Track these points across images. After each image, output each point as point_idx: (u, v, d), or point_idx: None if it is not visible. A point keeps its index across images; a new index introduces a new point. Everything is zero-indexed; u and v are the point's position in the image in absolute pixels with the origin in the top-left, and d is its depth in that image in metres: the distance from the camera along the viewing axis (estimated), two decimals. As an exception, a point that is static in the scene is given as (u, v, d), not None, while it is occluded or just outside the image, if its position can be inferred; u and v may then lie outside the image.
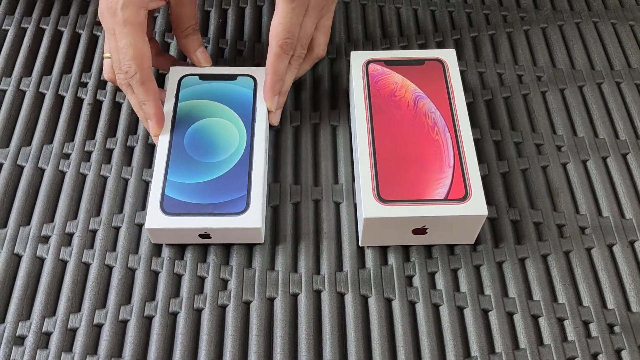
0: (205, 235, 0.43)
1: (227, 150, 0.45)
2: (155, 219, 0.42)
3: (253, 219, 0.42)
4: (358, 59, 0.48)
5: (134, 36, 0.43)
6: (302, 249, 0.44)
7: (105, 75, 0.49)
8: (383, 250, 0.44)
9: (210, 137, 0.45)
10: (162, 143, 0.45)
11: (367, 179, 0.42)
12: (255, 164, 0.44)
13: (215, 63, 0.53)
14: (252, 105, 0.47)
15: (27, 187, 0.46)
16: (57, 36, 0.55)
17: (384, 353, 0.40)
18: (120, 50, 0.44)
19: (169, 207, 0.42)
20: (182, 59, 0.53)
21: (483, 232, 0.44)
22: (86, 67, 0.53)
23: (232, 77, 0.49)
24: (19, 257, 0.44)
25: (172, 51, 0.54)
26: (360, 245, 0.44)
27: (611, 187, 0.47)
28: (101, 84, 0.52)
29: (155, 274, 0.43)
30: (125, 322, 0.41)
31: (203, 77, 0.48)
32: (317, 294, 0.42)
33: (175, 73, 0.48)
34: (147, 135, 0.49)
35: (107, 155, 0.48)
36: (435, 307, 0.42)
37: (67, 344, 0.40)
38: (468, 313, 0.42)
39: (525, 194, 0.47)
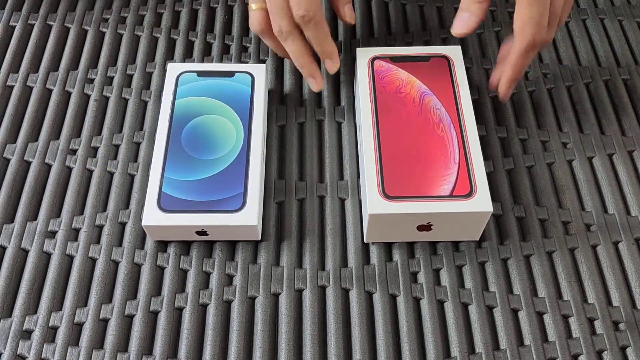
0: (202, 232, 0.43)
1: (224, 148, 0.45)
2: (152, 216, 0.42)
3: (249, 216, 0.42)
4: (363, 55, 0.48)
5: None
6: (307, 245, 0.44)
7: (256, 27, 0.47)
8: (388, 247, 0.44)
9: (208, 134, 0.45)
10: (160, 140, 0.45)
11: (372, 175, 0.42)
12: (252, 162, 0.44)
13: (220, 59, 0.53)
14: (249, 103, 0.47)
15: (34, 182, 0.47)
16: (63, 32, 0.56)
17: (388, 349, 0.40)
18: None
19: (166, 204, 0.42)
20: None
21: (488, 228, 0.44)
22: (93, 63, 0.53)
23: (230, 74, 0.48)
24: (26, 252, 0.44)
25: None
26: (365, 241, 0.44)
27: (617, 184, 0.47)
28: (107, 80, 0.52)
29: (161, 270, 0.43)
30: (131, 317, 0.42)
31: (201, 74, 0.48)
32: (322, 289, 0.43)
33: (172, 70, 0.48)
34: (153, 131, 0.49)
35: (114, 151, 0.48)
36: (440, 304, 0.42)
37: (74, 338, 0.41)
38: (473, 309, 0.42)
39: (531, 190, 0.46)
